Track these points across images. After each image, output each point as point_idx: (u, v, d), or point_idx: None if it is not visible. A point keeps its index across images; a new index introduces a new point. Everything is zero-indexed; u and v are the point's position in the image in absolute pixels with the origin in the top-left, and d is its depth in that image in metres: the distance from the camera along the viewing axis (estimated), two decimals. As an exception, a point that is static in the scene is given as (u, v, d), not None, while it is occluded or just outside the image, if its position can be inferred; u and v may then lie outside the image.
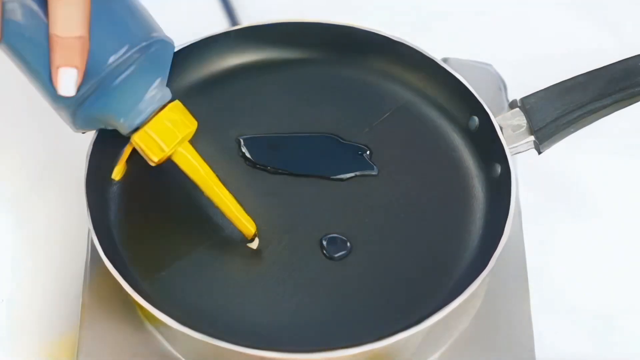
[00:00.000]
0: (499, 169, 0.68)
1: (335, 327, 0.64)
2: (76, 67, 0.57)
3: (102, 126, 0.63)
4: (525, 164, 0.71)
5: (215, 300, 0.64)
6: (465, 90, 0.71)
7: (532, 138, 0.68)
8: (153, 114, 0.61)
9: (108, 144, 0.67)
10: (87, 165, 0.66)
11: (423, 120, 0.73)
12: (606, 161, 0.79)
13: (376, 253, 0.67)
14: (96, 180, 0.66)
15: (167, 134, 0.61)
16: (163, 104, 0.62)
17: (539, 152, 0.69)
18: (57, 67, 0.57)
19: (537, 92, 0.69)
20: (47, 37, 0.57)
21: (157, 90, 0.61)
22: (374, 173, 0.70)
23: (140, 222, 0.67)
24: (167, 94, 0.62)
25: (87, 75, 0.59)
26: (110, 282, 0.62)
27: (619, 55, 0.68)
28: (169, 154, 0.62)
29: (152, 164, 0.63)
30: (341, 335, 0.63)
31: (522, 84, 0.72)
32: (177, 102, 0.62)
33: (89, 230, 0.64)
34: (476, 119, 0.71)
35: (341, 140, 0.71)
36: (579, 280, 0.73)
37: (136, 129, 0.61)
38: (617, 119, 0.69)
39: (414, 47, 0.73)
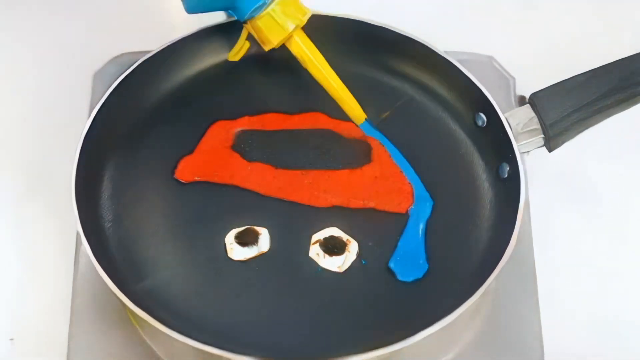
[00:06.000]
0: (507, 168, 0.67)
1: (336, 332, 0.62)
2: None
3: (213, 9, 0.67)
4: (531, 163, 0.70)
5: (207, 305, 0.63)
6: (472, 85, 0.69)
7: (542, 135, 0.67)
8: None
9: (96, 149, 0.67)
10: (76, 168, 0.65)
11: (427, 116, 0.72)
12: (615, 160, 0.77)
13: (380, 255, 0.65)
14: (85, 185, 0.65)
15: (283, 22, 0.65)
16: None
17: (550, 150, 0.68)
18: None
19: (547, 87, 0.67)
20: None
21: None
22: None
23: (130, 227, 0.66)
24: None
25: None
26: (100, 286, 0.61)
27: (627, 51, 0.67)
28: (285, 39, 0.66)
29: (266, 49, 0.67)
30: (343, 340, 0.62)
31: (529, 80, 0.71)
32: None
33: (78, 235, 0.63)
34: (483, 115, 0.69)
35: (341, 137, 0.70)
36: (586, 281, 0.72)
37: (252, 16, 0.65)
38: (625, 118, 0.68)
39: (419, 40, 0.71)
